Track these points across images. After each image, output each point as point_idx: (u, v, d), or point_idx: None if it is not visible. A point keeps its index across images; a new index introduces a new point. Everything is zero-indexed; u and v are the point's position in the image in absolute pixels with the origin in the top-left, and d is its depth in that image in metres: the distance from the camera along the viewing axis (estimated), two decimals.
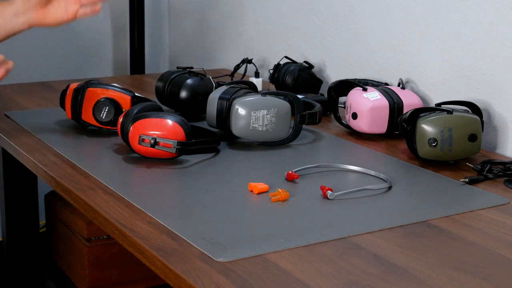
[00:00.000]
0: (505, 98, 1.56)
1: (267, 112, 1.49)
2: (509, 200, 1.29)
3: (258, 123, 1.49)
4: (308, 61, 1.95)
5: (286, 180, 1.34)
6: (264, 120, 1.49)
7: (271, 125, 1.50)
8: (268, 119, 1.49)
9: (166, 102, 1.73)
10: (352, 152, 1.57)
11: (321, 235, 1.12)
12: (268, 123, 1.49)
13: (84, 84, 1.59)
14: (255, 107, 1.48)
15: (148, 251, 1.06)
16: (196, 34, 2.56)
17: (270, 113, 1.49)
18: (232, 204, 1.25)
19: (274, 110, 1.49)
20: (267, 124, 1.49)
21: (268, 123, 1.49)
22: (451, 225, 1.18)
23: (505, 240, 1.14)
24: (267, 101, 1.50)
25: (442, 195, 1.32)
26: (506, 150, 1.57)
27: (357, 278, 1.00)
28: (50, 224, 2.09)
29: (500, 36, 1.56)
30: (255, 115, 1.48)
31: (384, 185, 1.32)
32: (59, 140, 1.56)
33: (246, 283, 0.98)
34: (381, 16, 1.85)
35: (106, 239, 1.89)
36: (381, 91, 1.63)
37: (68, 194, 1.31)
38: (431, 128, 1.42)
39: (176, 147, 1.38)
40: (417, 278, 1.00)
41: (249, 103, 1.49)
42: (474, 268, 1.04)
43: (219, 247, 1.06)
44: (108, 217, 1.17)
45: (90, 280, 1.91)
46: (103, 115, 1.56)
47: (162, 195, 1.29)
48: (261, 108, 1.49)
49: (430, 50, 1.72)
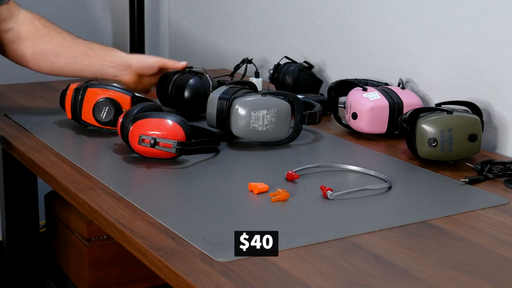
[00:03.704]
0: (505, 98, 1.56)
1: (267, 112, 1.49)
2: (509, 200, 1.29)
3: (258, 123, 1.49)
4: (308, 61, 1.95)
5: (286, 180, 1.34)
6: (264, 120, 1.49)
7: (271, 125, 1.50)
8: (268, 119, 1.49)
9: (168, 102, 1.73)
10: (352, 152, 1.57)
11: (321, 235, 1.12)
12: (268, 123, 1.49)
13: (84, 84, 1.59)
14: (255, 107, 1.48)
15: (148, 251, 1.06)
16: (196, 34, 2.56)
17: (270, 113, 1.49)
18: (232, 204, 1.25)
19: (274, 110, 1.49)
20: (267, 124, 1.49)
21: (268, 123, 1.49)
22: (451, 225, 1.18)
23: (505, 240, 1.14)
24: (267, 101, 1.50)
25: (442, 195, 1.32)
26: (506, 150, 1.57)
27: (357, 278, 1.00)
28: (50, 224, 2.09)
29: (500, 36, 1.56)
30: (255, 115, 1.48)
31: (384, 185, 1.32)
32: (59, 140, 1.56)
33: (246, 283, 0.98)
34: (381, 16, 1.85)
35: (106, 239, 1.89)
36: (381, 91, 1.63)
37: (68, 194, 1.31)
38: (431, 128, 1.42)
39: (176, 147, 1.38)
40: (417, 278, 1.00)
41: (249, 103, 1.49)
42: (474, 268, 1.04)
43: (219, 247, 1.06)
44: (108, 217, 1.17)
45: (90, 280, 1.90)
46: (103, 115, 1.56)
47: (162, 195, 1.29)
48: (261, 108, 1.48)
49: (430, 50, 1.72)
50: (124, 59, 1.68)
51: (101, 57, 1.68)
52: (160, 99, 1.75)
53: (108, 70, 1.68)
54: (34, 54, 1.67)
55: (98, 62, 1.68)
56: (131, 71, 1.68)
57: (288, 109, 1.52)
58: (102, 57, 1.68)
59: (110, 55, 1.68)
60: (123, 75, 1.68)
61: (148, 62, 1.70)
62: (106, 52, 1.69)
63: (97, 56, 1.68)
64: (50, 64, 1.68)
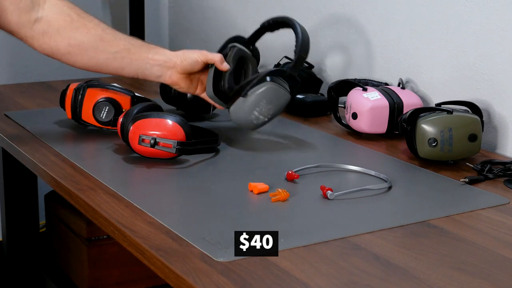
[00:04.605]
0: (505, 98, 1.56)
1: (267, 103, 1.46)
2: (509, 200, 1.29)
3: (260, 116, 1.47)
4: (308, 61, 1.95)
5: (286, 180, 1.34)
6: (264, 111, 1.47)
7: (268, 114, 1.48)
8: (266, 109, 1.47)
9: (170, 101, 1.73)
10: (352, 152, 1.57)
11: (321, 235, 1.12)
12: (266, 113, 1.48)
13: (84, 84, 1.59)
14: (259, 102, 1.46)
15: (148, 251, 1.06)
16: (197, 34, 2.56)
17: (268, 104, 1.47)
18: (232, 204, 1.25)
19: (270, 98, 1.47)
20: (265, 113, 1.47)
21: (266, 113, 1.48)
22: (451, 225, 1.18)
23: (505, 240, 1.14)
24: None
25: (442, 195, 1.32)
26: (506, 150, 1.57)
27: (357, 278, 1.00)
28: (50, 224, 2.09)
29: (500, 36, 1.56)
30: (258, 110, 1.47)
31: (384, 185, 1.32)
32: (59, 140, 1.56)
33: (246, 283, 0.98)
34: (381, 16, 1.85)
35: (106, 239, 1.89)
36: (381, 91, 1.63)
37: (68, 194, 1.31)
38: (431, 128, 1.42)
39: (176, 147, 1.38)
40: (417, 278, 1.00)
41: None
42: (474, 268, 1.04)
43: (219, 247, 1.06)
44: (108, 217, 1.17)
45: (90, 280, 1.91)
46: (103, 115, 1.56)
47: (162, 195, 1.29)
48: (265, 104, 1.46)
49: (430, 50, 1.72)
50: (168, 56, 1.51)
51: (144, 55, 1.50)
52: (162, 97, 1.75)
53: (152, 69, 1.51)
54: (70, 48, 1.49)
55: (141, 60, 1.50)
56: (176, 70, 1.51)
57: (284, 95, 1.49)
58: (145, 54, 1.50)
59: (153, 53, 1.51)
60: (168, 75, 1.51)
61: (192, 58, 1.51)
62: (148, 49, 1.51)
63: (139, 53, 1.50)
64: (88, 59, 1.51)
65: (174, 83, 1.53)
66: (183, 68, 1.51)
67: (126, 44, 1.51)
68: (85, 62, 1.51)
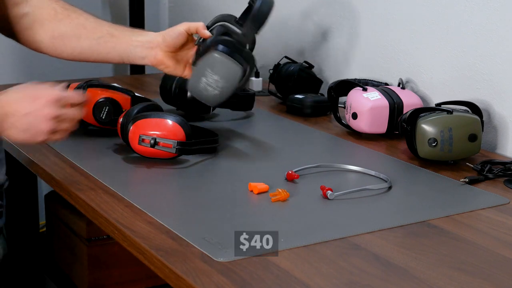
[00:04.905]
0: (505, 98, 1.56)
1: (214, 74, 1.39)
2: (509, 200, 1.29)
3: (208, 87, 1.40)
4: (308, 61, 1.95)
5: (286, 180, 1.34)
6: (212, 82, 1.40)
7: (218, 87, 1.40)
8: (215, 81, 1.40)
9: (170, 100, 1.73)
10: (352, 152, 1.57)
11: (321, 235, 1.12)
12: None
13: (84, 84, 1.59)
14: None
15: (148, 251, 1.06)
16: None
17: None
18: (232, 204, 1.25)
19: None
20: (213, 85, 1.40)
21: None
22: (451, 225, 1.18)
23: (505, 240, 1.14)
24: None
25: (442, 195, 1.32)
26: (506, 150, 1.57)
27: (357, 278, 1.00)
28: (50, 224, 2.09)
29: (500, 36, 1.56)
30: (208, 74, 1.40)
31: (384, 185, 1.32)
32: (59, 140, 1.55)
33: (246, 283, 0.98)
34: (381, 16, 1.85)
35: (106, 239, 1.89)
36: (381, 91, 1.63)
37: (68, 194, 1.31)
38: (431, 128, 1.42)
39: (176, 147, 1.38)
40: (417, 278, 1.00)
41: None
42: (474, 268, 1.04)
43: (219, 247, 1.06)
44: (108, 217, 1.17)
45: (90, 280, 1.91)
46: (103, 115, 1.56)
47: (162, 195, 1.29)
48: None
49: (430, 50, 1.72)
50: (151, 36, 1.48)
51: (127, 38, 1.48)
52: (162, 97, 1.75)
53: (136, 51, 1.47)
54: (53, 39, 1.49)
55: (125, 43, 1.48)
56: (160, 48, 1.46)
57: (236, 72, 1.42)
58: (129, 37, 1.48)
59: (137, 35, 1.48)
60: (153, 55, 1.46)
61: (174, 31, 1.47)
62: (132, 33, 1.49)
63: (123, 37, 1.48)
64: (71, 48, 1.50)
65: (159, 63, 1.48)
66: (167, 44, 1.46)
67: (109, 29, 1.49)
68: (69, 52, 1.51)
